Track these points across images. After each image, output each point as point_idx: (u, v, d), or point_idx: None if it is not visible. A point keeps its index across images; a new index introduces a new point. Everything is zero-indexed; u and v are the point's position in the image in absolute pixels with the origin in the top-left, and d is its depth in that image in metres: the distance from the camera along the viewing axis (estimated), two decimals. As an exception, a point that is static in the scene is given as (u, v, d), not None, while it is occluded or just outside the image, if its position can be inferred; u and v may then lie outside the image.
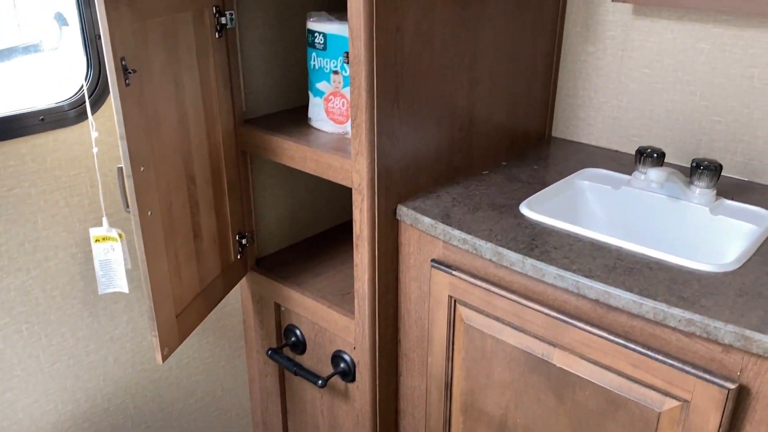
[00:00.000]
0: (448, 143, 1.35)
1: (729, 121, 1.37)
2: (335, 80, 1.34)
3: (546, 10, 1.49)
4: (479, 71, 1.35)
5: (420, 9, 1.17)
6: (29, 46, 1.48)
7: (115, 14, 1.00)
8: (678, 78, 1.42)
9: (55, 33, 1.48)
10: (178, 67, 1.20)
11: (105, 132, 1.27)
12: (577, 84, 1.58)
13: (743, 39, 1.31)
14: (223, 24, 1.32)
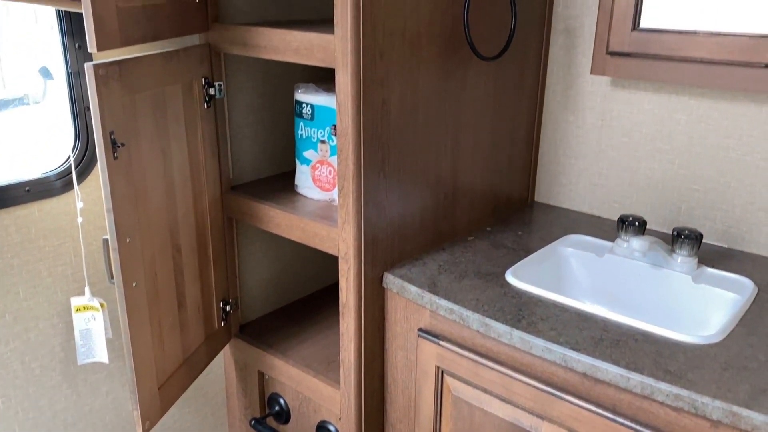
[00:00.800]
0: (433, 210, 1.36)
1: (707, 190, 1.41)
2: (322, 149, 1.36)
3: (526, 80, 1.53)
4: (462, 140, 1.38)
5: (405, 83, 1.20)
6: (13, 99, 1.49)
7: (105, 90, 1.01)
8: (656, 147, 1.46)
9: (40, 87, 1.49)
10: (167, 137, 1.21)
11: (91, 201, 1.27)
12: (558, 151, 1.62)
13: (718, 111, 1.35)
14: (212, 95, 1.34)
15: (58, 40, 1.16)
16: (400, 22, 1.15)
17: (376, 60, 1.13)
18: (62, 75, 1.20)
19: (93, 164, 1.25)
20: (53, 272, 1.25)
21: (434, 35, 1.23)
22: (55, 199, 1.22)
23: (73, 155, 1.21)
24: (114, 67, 1.03)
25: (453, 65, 1.30)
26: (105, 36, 0.98)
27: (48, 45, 1.27)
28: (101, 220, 1.30)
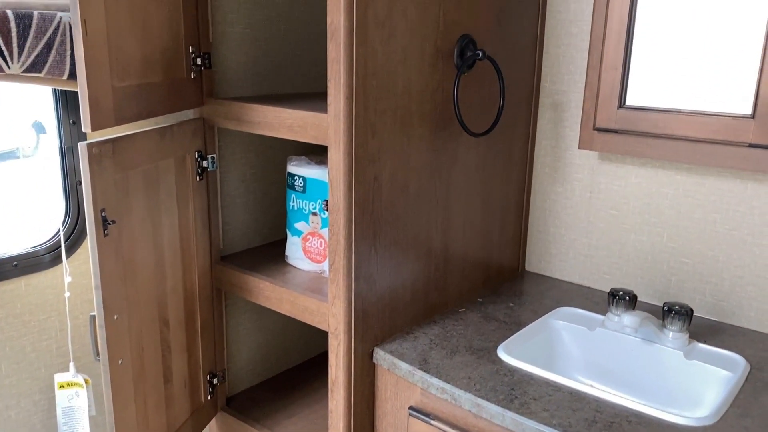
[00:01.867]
0: (424, 282, 1.36)
1: (696, 263, 1.42)
2: (313, 221, 1.37)
3: (516, 153, 1.56)
4: (453, 212, 1.39)
5: (397, 159, 1.21)
6: (5, 153, 1.49)
7: (98, 168, 1.02)
8: (645, 220, 1.47)
9: (32, 141, 1.49)
10: (158, 211, 1.21)
11: (79, 274, 1.26)
12: (547, 221, 1.63)
13: (704, 186, 1.37)
14: (205, 167, 1.35)
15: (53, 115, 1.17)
16: (391, 101, 1.17)
17: (368, 138, 1.15)
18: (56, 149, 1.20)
19: (83, 238, 1.24)
20: (37, 347, 1.23)
21: (425, 113, 1.25)
22: (42, 273, 1.20)
23: (62, 229, 1.21)
24: (108, 146, 1.04)
25: (443, 140, 1.32)
26: (100, 116, 0.99)
27: (42, 100, 1.27)
28: (89, 293, 1.29)
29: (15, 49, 0.96)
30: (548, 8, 1.53)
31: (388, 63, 1.15)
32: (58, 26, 1.01)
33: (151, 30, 1.12)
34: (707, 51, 1.27)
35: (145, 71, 1.11)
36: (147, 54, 1.12)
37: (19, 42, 0.97)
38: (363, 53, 1.10)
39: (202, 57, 1.30)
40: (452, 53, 1.30)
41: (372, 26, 1.11)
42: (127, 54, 1.06)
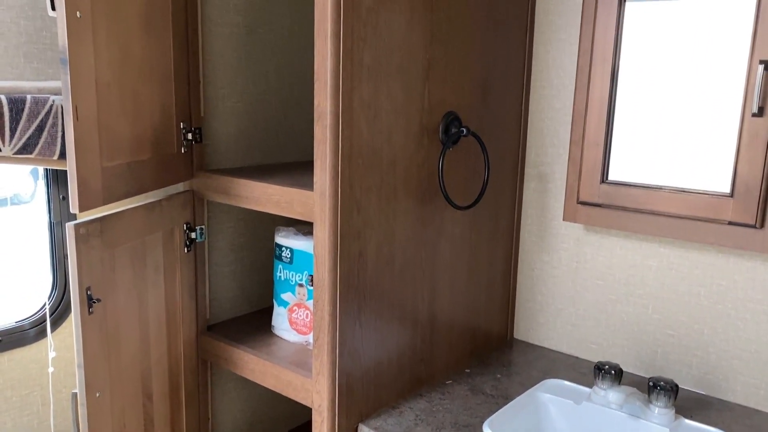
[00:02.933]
0: (410, 355, 1.36)
1: (681, 335, 1.42)
2: (300, 293, 1.37)
3: (502, 223, 1.57)
4: (439, 283, 1.40)
5: (382, 234, 1.23)
6: (2, 199, 1.50)
7: (84, 247, 1.03)
8: (630, 291, 1.48)
9: (29, 188, 1.50)
10: (144, 286, 1.22)
11: (63, 347, 1.26)
12: (534, 290, 1.64)
13: (688, 260, 1.39)
14: (193, 239, 1.36)
15: (43, 190, 1.19)
16: (377, 178, 1.20)
17: (353, 214, 1.17)
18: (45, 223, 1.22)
19: (69, 312, 1.25)
20: (18, 423, 1.22)
21: (411, 188, 1.28)
22: (27, 347, 1.20)
23: (48, 303, 1.21)
24: (95, 225, 1.05)
25: (429, 214, 1.34)
26: (88, 197, 1.01)
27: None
28: (73, 366, 1.28)
29: (7, 133, 0.99)
30: (532, 84, 1.57)
31: (374, 142, 1.18)
32: (50, 109, 1.04)
33: (142, 110, 1.15)
34: (686, 130, 1.30)
35: (135, 149, 1.14)
36: (138, 133, 1.14)
37: (12, 126, 0.99)
38: (348, 134, 1.13)
39: (193, 132, 1.33)
40: (437, 129, 1.33)
41: (358, 109, 1.14)
42: (117, 134, 1.08)
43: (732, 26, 1.22)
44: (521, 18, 1.51)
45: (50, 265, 1.23)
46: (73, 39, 0.96)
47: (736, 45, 1.22)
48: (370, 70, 1.15)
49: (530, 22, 1.54)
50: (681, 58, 1.29)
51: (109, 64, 1.05)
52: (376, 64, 1.16)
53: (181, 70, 1.27)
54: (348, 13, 1.09)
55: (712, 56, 1.25)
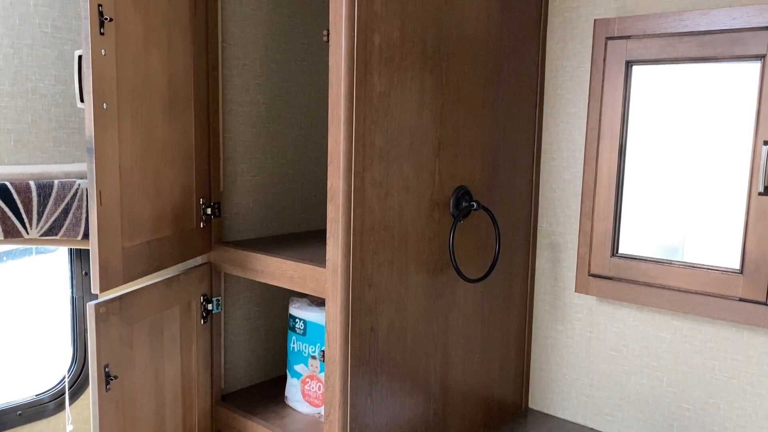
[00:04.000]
0: (422, 429, 1.36)
1: (697, 410, 1.40)
2: (313, 365, 1.39)
3: (515, 292, 1.59)
4: (452, 355, 1.41)
5: (394, 309, 1.25)
6: (24, 248, 1.54)
7: (104, 326, 1.06)
8: (644, 363, 1.47)
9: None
10: (161, 359, 1.24)
11: (81, 419, 1.28)
12: (549, 359, 1.64)
13: (701, 332, 1.38)
14: (210, 310, 1.39)
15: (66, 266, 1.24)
16: (388, 254, 1.23)
17: (365, 290, 1.19)
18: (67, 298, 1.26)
19: (87, 385, 1.28)
20: (35, 495, 1.24)
21: (422, 262, 1.30)
22: (46, 420, 1.23)
23: (68, 376, 1.24)
24: (115, 303, 1.09)
25: (440, 287, 1.36)
26: (109, 277, 1.05)
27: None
28: (89, 437, 1.31)
29: (35, 217, 1.04)
30: (543, 156, 1.60)
31: (386, 219, 1.21)
32: (76, 192, 1.10)
33: (163, 190, 1.20)
34: (695, 205, 1.32)
35: (155, 228, 1.18)
36: (158, 212, 1.19)
37: (39, 210, 1.04)
38: (360, 213, 1.16)
39: (212, 207, 1.38)
40: (448, 203, 1.36)
41: (369, 188, 1.18)
42: (138, 215, 1.13)
43: (737, 105, 1.25)
44: (531, 94, 1.56)
45: (71, 339, 1.27)
46: (99, 129, 1.01)
47: (741, 123, 1.24)
48: (382, 151, 1.19)
49: (540, 97, 1.59)
50: (688, 134, 1.32)
51: (132, 149, 1.10)
52: (387, 145, 1.20)
53: (202, 149, 1.33)
54: (360, 99, 1.14)
55: (719, 133, 1.28)
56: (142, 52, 1.11)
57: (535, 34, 1.56)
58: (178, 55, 1.22)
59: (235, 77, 1.41)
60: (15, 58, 1.09)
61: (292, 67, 1.56)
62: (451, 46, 1.32)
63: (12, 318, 1.50)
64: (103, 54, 1.01)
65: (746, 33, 1.20)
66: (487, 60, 1.41)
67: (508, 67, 1.48)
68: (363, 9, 1.12)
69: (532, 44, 1.56)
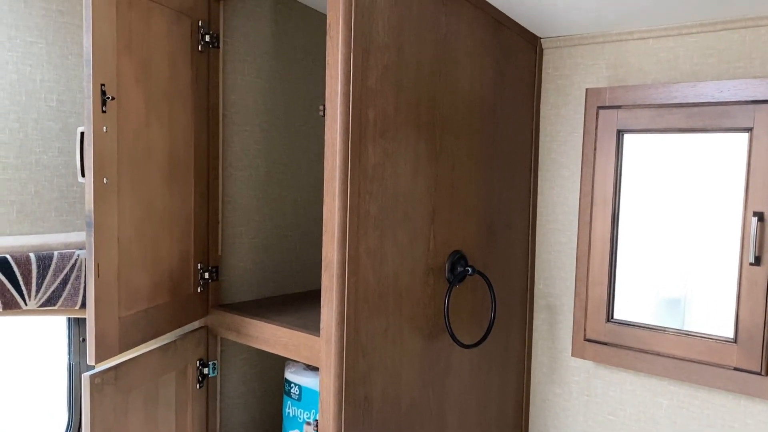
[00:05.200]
0: (418, 497, 1.34)
1: (697, 479, 1.39)
2: (308, 431, 1.38)
3: (512, 354, 1.58)
4: (448, 420, 1.40)
5: (388, 377, 1.25)
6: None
7: (98, 396, 1.07)
8: (642, 428, 1.46)
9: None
10: (155, 425, 1.24)
11: (74, 487, 1.28)
12: (547, 422, 1.62)
13: (698, 399, 1.38)
14: (206, 374, 1.40)
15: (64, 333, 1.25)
16: (383, 322, 1.23)
17: (359, 359, 1.20)
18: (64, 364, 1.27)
19: (81, 451, 1.28)
20: None
21: (417, 328, 1.31)
22: (38, 488, 1.22)
23: (62, 443, 1.24)
24: (110, 373, 1.10)
25: (435, 353, 1.36)
26: (105, 348, 1.06)
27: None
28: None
29: (33, 288, 1.06)
30: (538, 219, 1.62)
31: (380, 287, 1.23)
32: (75, 263, 1.12)
33: (161, 258, 1.22)
34: (688, 273, 1.33)
35: (152, 296, 1.20)
36: (156, 280, 1.21)
37: (38, 281, 1.07)
38: (355, 281, 1.18)
39: (210, 271, 1.39)
40: (443, 268, 1.37)
41: (364, 256, 1.19)
42: (136, 285, 1.15)
43: (727, 175, 1.27)
44: (525, 158, 1.59)
45: (67, 403, 1.27)
46: (98, 203, 1.04)
47: (731, 193, 1.26)
48: (377, 220, 1.21)
49: (534, 162, 1.61)
50: (680, 202, 1.34)
51: (131, 220, 1.12)
52: (382, 214, 1.22)
53: (201, 215, 1.35)
54: (355, 171, 1.16)
55: (710, 202, 1.29)
56: (143, 125, 1.15)
57: (528, 100, 1.60)
58: (178, 126, 1.25)
59: (235, 143, 1.45)
60: (20, 132, 1.13)
61: (291, 132, 1.60)
62: (445, 115, 1.35)
63: (8, 378, 1.51)
64: (104, 131, 1.05)
65: (733, 106, 1.23)
66: (481, 126, 1.44)
67: (502, 132, 1.51)
68: (358, 85, 1.16)
69: (526, 110, 1.59)
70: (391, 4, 1.21)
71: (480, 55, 1.45)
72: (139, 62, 1.13)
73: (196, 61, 1.30)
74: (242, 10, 1.44)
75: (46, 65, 1.16)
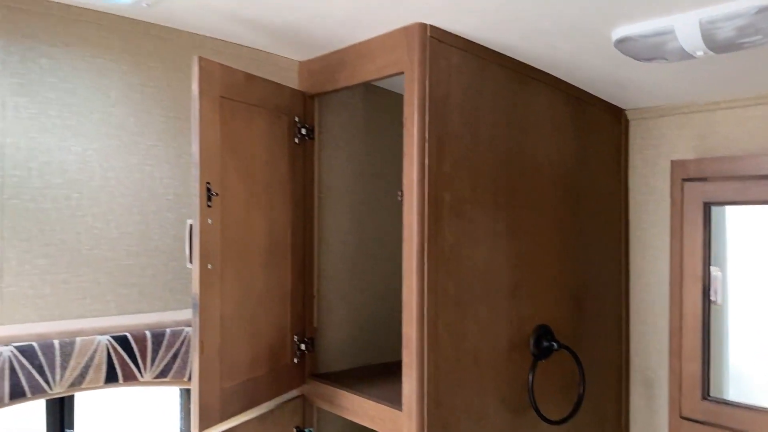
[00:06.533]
0: None
1: None
2: (397, 500, 1.42)
3: (606, 429, 1.55)
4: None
5: (471, 451, 1.28)
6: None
7: (202, 462, 1.18)
8: None
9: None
10: (254, 490, 1.34)
11: None
12: (648, 503, 1.56)
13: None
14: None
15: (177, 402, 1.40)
16: (465, 397, 1.27)
17: (441, 434, 1.24)
18: (177, 428, 1.41)
19: None
20: None
21: (500, 404, 1.33)
22: None
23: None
24: (212, 442, 1.21)
25: (521, 429, 1.36)
26: (208, 418, 1.18)
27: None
28: None
29: (149, 362, 1.21)
30: (631, 289, 1.60)
31: (461, 363, 1.27)
32: (184, 339, 1.26)
33: (260, 332, 1.34)
34: (788, 350, 1.26)
35: (251, 368, 1.31)
36: (255, 353, 1.32)
37: (153, 356, 1.21)
38: (434, 358, 1.23)
39: (305, 342, 1.50)
40: (527, 344, 1.39)
41: (443, 333, 1.24)
42: (236, 358, 1.27)
43: (823, 249, 1.21)
44: (614, 228, 1.58)
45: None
46: (203, 287, 1.18)
47: (830, 268, 1.20)
48: (455, 297, 1.27)
49: (625, 232, 1.60)
50: (774, 276, 1.28)
51: (232, 300, 1.25)
52: (460, 291, 1.27)
53: (297, 290, 1.47)
54: (432, 252, 1.23)
55: (807, 277, 1.23)
56: (244, 215, 1.29)
57: (615, 171, 1.61)
58: (277, 211, 1.39)
59: (329, 222, 1.57)
60: (142, 224, 1.30)
61: (382, 208, 1.69)
62: (523, 192, 1.39)
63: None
64: (209, 223, 1.19)
65: (825, 177, 1.18)
66: (563, 199, 1.47)
67: (587, 203, 1.52)
68: (433, 171, 1.24)
69: (613, 181, 1.59)
70: (466, 95, 1.29)
71: (559, 131, 1.49)
72: (241, 160, 1.28)
73: (292, 153, 1.44)
74: (335, 102, 1.58)
75: (164, 164, 1.34)
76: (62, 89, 1.22)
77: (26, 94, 1.18)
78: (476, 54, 1.31)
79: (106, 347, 1.18)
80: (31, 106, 1.19)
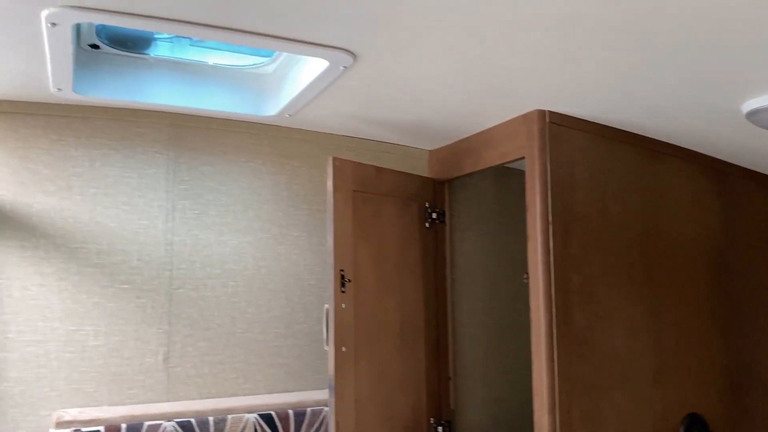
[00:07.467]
0: None
1: None
2: None
3: None
4: None
5: None
6: None
7: None
8: None
9: None
10: None
11: None
12: None
13: None
14: None
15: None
16: (604, 490, 1.20)
17: None
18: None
19: None
20: None
21: (648, 499, 1.24)
22: None
23: None
24: None
25: None
26: (343, 497, 1.23)
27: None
28: None
29: (292, 441, 1.30)
30: (800, 375, 1.44)
31: (599, 453, 1.21)
32: (322, 419, 1.34)
33: (395, 415, 1.38)
34: None
35: (387, 450, 1.35)
36: (390, 434, 1.36)
37: (295, 434, 1.30)
38: (569, 447, 1.19)
39: (443, 425, 1.51)
40: (677, 434, 1.30)
41: (577, 422, 1.20)
42: (371, 439, 1.31)
43: None
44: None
45: None
46: (338, 370, 1.25)
47: None
48: (589, 383, 1.22)
49: (788, 310, 1.46)
50: None
51: (367, 382, 1.31)
52: (595, 377, 1.23)
53: (432, 372, 1.50)
54: (562, 335, 1.21)
55: None
56: (376, 299, 1.36)
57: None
58: (409, 294, 1.45)
59: (462, 303, 1.59)
60: (288, 307, 1.42)
61: (516, 286, 1.69)
62: (662, 270, 1.33)
63: None
64: (343, 307, 1.28)
65: None
66: (710, 276, 1.38)
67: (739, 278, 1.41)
68: (559, 254, 1.23)
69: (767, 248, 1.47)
70: (592, 175, 1.29)
71: (701, 205, 1.42)
72: (373, 246, 1.36)
73: (423, 236, 1.51)
74: (467, 185, 1.63)
75: (307, 253, 1.46)
76: (220, 191, 1.40)
77: (190, 197, 1.37)
78: (601, 134, 1.31)
79: (253, 425, 1.29)
80: (195, 207, 1.38)
